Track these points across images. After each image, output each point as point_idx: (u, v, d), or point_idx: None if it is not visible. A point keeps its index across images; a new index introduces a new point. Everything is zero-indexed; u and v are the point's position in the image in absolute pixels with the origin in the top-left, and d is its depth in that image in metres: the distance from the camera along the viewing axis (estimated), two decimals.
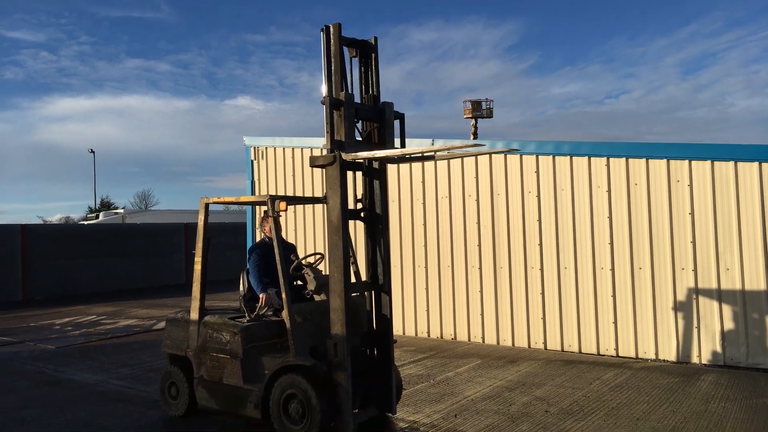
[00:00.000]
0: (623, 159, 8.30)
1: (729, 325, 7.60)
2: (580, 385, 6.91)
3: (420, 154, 5.80)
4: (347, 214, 5.43)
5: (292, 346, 5.33)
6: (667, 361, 7.94)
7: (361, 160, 5.76)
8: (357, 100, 5.60)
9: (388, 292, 5.69)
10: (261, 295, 5.85)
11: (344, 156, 5.18)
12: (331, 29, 5.38)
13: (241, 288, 6.22)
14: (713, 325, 7.69)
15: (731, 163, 7.58)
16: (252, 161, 12.56)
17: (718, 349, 7.65)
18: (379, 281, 5.69)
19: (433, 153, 5.40)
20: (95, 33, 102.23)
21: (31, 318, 13.92)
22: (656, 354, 8.03)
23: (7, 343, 10.67)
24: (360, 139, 5.54)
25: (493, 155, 9.38)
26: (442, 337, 9.93)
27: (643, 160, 8.16)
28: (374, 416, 5.70)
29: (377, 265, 5.71)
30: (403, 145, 5.69)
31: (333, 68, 5.37)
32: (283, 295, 5.44)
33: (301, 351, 5.31)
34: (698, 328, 7.78)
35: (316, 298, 5.87)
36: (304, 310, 5.55)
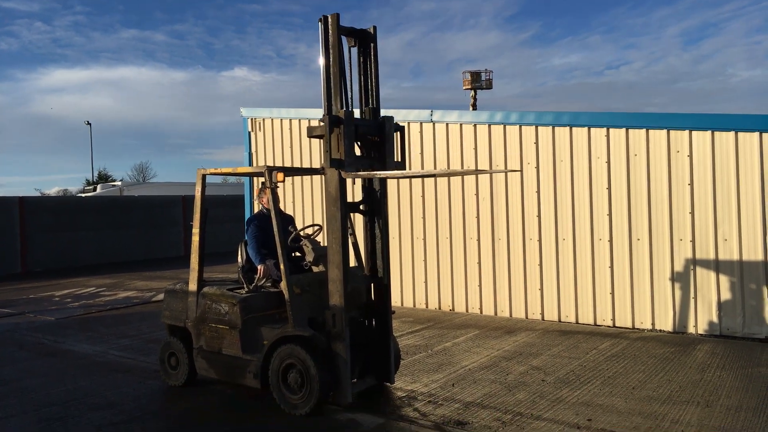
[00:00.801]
0: (623, 129, 8.24)
1: (726, 295, 7.63)
2: (576, 355, 6.97)
3: (420, 174, 5.80)
4: (345, 185, 5.40)
5: (291, 317, 5.34)
6: (664, 331, 8.00)
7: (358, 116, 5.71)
8: (356, 88, 5.61)
9: (387, 263, 5.71)
10: (259, 267, 5.85)
11: (343, 175, 5.17)
12: (330, 20, 5.32)
13: (239, 259, 6.22)
14: (710, 295, 7.72)
15: (732, 134, 7.53)
16: (249, 133, 12.46)
17: (715, 319, 7.70)
18: (377, 252, 5.69)
19: (433, 174, 5.38)
20: (90, 2, 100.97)
21: (31, 290, 13.96)
22: (653, 324, 8.09)
23: (7, 315, 10.72)
24: (359, 154, 5.53)
25: (492, 126, 9.32)
26: (440, 308, 9.98)
27: (643, 131, 8.10)
28: (373, 386, 5.76)
29: (375, 237, 5.71)
30: (402, 158, 5.71)
31: (332, 59, 5.31)
32: (282, 267, 5.44)
33: (299, 322, 5.33)
34: (695, 298, 7.81)
35: (315, 269, 5.87)
36: (303, 281, 5.55)
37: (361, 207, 5.76)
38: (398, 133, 5.61)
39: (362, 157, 5.51)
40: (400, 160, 5.64)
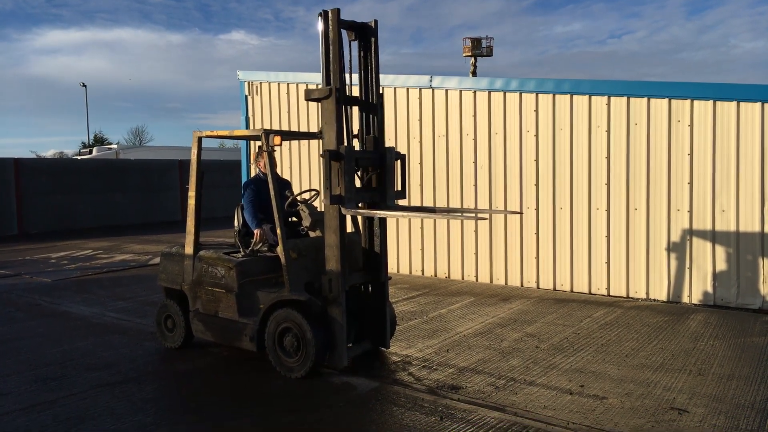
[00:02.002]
0: (624, 98, 8.16)
1: (721, 266, 7.66)
2: (570, 323, 7.01)
3: (419, 212, 5.78)
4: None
5: (287, 281, 5.35)
6: (658, 300, 8.04)
7: (357, 95, 5.66)
8: (355, 82, 5.55)
9: (384, 230, 5.69)
10: (256, 231, 5.83)
11: (344, 211, 5.12)
12: (330, 14, 5.23)
13: (235, 223, 6.19)
14: (705, 265, 7.75)
15: (733, 104, 7.46)
16: (246, 96, 12.32)
17: (709, 289, 7.74)
18: (375, 219, 5.67)
19: (432, 215, 5.36)
20: None
21: (27, 252, 13.96)
22: (647, 294, 8.13)
23: (4, 276, 10.73)
24: (359, 185, 5.50)
25: (492, 93, 9.22)
26: (436, 275, 10.02)
27: (645, 100, 8.02)
28: (368, 351, 5.80)
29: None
30: (404, 186, 5.73)
31: (332, 56, 5.22)
32: (278, 231, 5.42)
33: (296, 286, 5.34)
34: (690, 268, 7.84)
35: (312, 234, 5.86)
36: (299, 245, 5.54)
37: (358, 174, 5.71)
38: (399, 161, 5.64)
39: (362, 188, 5.51)
40: (400, 188, 5.69)
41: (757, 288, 7.46)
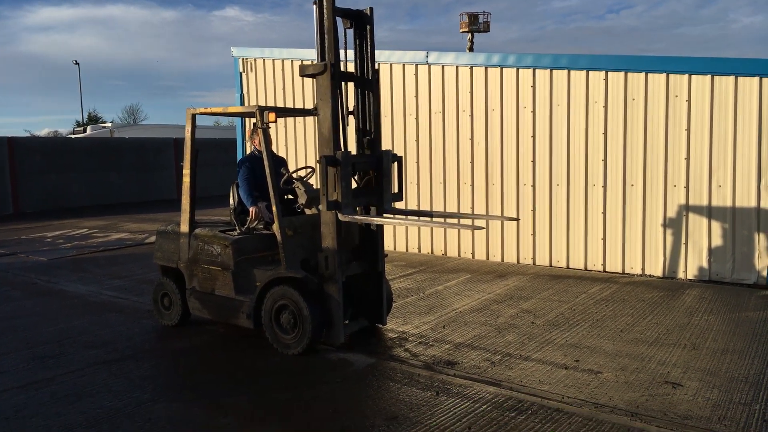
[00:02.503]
0: (622, 73, 8.09)
1: (717, 241, 7.68)
2: (566, 299, 7.04)
3: (416, 216, 5.78)
4: (338, 126, 5.31)
5: (284, 258, 5.34)
6: (654, 276, 8.07)
7: (352, 71, 5.59)
8: (351, 59, 5.49)
9: (380, 207, 5.67)
10: (252, 209, 5.81)
11: (341, 217, 5.10)
12: (324, 2, 5.15)
13: (231, 201, 6.16)
14: (701, 241, 7.76)
15: (731, 78, 7.40)
16: (240, 73, 12.19)
17: (705, 264, 7.76)
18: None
19: (430, 222, 5.35)
20: None
21: (22, 231, 13.93)
22: (643, 269, 8.15)
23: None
24: (356, 186, 5.49)
25: (488, 68, 9.14)
26: (432, 252, 10.02)
27: (642, 75, 7.96)
28: (365, 327, 5.82)
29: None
30: (400, 188, 5.74)
31: (327, 45, 5.16)
32: (274, 209, 5.40)
33: (292, 263, 5.33)
34: (686, 244, 7.86)
35: (308, 212, 5.83)
36: (295, 223, 5.52)
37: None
38: (396, 163, 5.64)
39: (358, 192, 5.48)
40: (397, 191, 5.70)
41: (752, 263, 7.49)
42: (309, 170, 6.18)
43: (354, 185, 5.44)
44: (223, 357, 5.41)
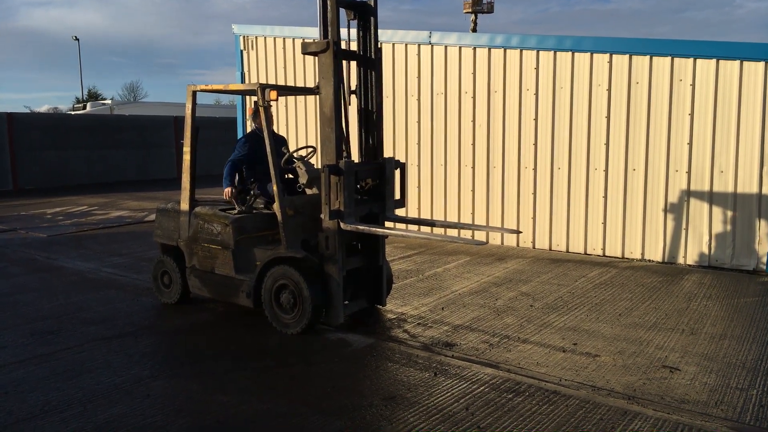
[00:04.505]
0: (626, 56, 8.02)
1: (718, 227, 7.66)
2: (565, 282, 7.05)
3: (418, 226, 5.71)
4: (340, 105, 5.27)
5: (284, 238, 5.33)
6: (653, 261, 8.07)
7: (354, 49, 5.54)
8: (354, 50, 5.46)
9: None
10: (225, 189, 5.80)
11: (343, 226, 5.07)
12: None
13: None
14: (702, 226, 7.75)
15: (737, 63, 7.34)
16: (242, 51, 12.09)
17: (705, 250, 7.76)
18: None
19: (429, 235, 5.34)
20: None
21: (22, 207, 13.91)
22: (642, 254, 8.15)
23: None
24: (359, 196, 5.47)
25: (492, 49, 9.06)
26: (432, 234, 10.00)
27: (647, 58, 7.89)
28: (364, 308, 5.82)
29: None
30: (402, 195, 5.72)
31: (330, 34, 5.09)
32: (275, 188, 5.37)
33: (292, 243, 5.32)
34: (686, 229, 7.85)
35: (308, 191, 5.81)
36: (296, 202, 5.50)
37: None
38: (398, 169, 5.62)
39: (361, 199, 5.46)
40: (399, 197, 5.67)
41: (752, 249, 7.48)
42: (310, 150, 6.14)
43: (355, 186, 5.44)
44: (222, 335, 5.42)
